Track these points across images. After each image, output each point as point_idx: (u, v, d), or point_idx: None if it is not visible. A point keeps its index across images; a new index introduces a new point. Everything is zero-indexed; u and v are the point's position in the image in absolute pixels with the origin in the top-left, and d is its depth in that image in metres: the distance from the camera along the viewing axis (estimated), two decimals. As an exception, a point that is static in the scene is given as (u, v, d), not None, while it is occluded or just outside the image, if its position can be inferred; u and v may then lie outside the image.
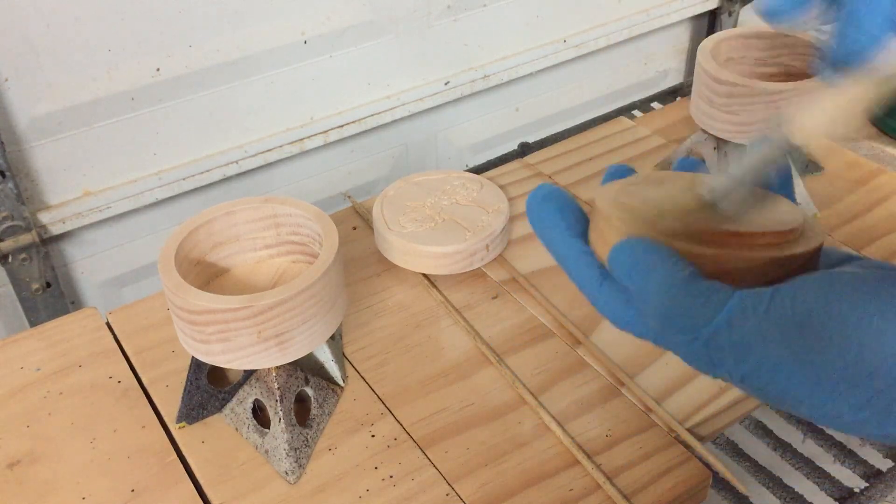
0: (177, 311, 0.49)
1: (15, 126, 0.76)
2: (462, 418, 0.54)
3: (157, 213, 0.88)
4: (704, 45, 0.69)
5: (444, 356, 0.58)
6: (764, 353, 0.32)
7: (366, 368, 0.58)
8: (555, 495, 0.50)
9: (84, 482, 0.51)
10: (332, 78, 0.92)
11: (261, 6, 0.84)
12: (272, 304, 0.47)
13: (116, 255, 0.89)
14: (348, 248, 0.67)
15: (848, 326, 0.31)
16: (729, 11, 1.23)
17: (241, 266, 0.56)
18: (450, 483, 0.50)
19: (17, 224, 0.77)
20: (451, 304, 0.62)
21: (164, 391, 0.56)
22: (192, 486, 0.51)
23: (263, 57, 0.86)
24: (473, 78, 1.01)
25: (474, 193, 0.68)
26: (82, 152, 0.81)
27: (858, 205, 0.71)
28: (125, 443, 0.53)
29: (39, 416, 0.55)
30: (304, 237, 0.55)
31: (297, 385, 0.53)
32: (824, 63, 0.38)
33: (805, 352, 0.31)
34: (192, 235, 0.53)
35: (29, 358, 0.59)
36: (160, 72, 0.81)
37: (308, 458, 0.52)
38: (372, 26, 0.91)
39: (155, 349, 0.59)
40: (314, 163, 0.97)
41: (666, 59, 1.24)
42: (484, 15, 0.99)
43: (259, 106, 0.89)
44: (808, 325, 0.31)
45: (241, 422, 0.53)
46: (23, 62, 0.74)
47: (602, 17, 1.10)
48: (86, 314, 0.62)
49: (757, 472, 0.55)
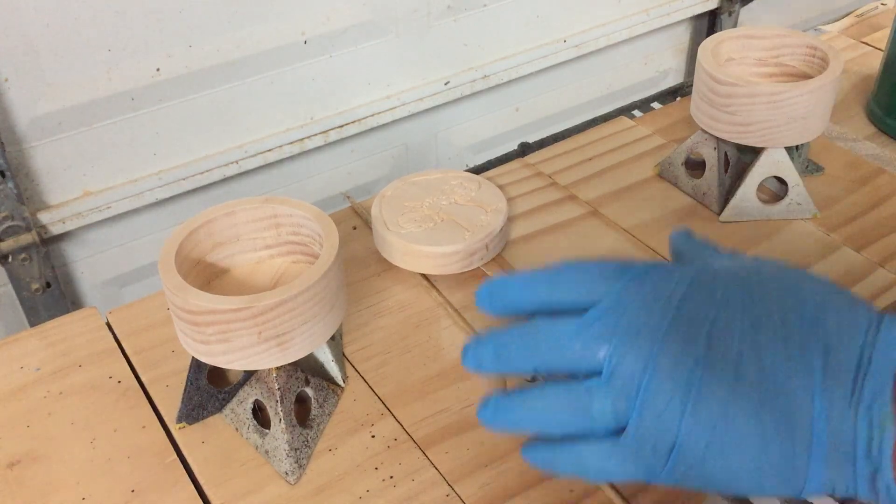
0: (177, 312, 0.49)
1: (15, 126, 0.76)
2: (462, 418, 0.54)
3: (157, 213, 0.88)
4: (705, 45, 0.69)
5: (444, 356, 0.58)
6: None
7: (366, 368, 0.58)
8: (555, 496, 0.50)
9: (84, 482, 0.51)
10: (332, 78, 0.92)
11: (261, 6, 0.84)
12: (273, 304, 0.47)
13: (116, 255, 0.89)
14: (348, 248, 0.67)
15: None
16: (729, 11, 1.23)
17: (241, 266, 0.56)
18: (450, 483, 0.50)
19: (17, 224, 0.77)
20: (451, 304, 0.62)
21: (164, 391, 0.56)
22: (192, 486, 0.51)
23: (263, 57, 0.86)
24: (473, 78, 1.01)
25: (473, 193, 0.68)
26: (82, 152, 0.81)
27: (858, 205, 0.71)
28: (125, 443, 0.53)
29: (39, 416, 0.55)
30: (305, 237, 0.55)
31: (297, 385, 0.53)
32: None
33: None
34: (193, 235, 0.53)
35: (29, 358, 0.59)
36: (160, 72, 0.81)
37: (308, 458, 0.52)
38: (372, 26, 0.92)
39: (155, 349, 0.59)
40: (314, 163, 0.97)
41: (666, 59, 1.24)
42: (484, 15, 0.99)
43: (259, 106, 0.89)
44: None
45: (242, 422, 0.53)
46: (23, 62, 0.74)
47: (602, 17, 1.10)
48: (86, 314, 0.62)
49: (757, 473, 0.55)
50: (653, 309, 0.35)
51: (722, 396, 0.34)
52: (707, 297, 0.35)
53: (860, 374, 0.33)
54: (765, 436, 0.33)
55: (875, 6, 1.03)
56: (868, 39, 0.96)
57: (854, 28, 0.99)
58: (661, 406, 0.34)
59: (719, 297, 0.35)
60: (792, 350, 0.34)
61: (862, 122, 0.82)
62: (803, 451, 0.33)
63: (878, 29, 0.98)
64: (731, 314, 0.35)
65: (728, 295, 0.36)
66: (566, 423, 0.37)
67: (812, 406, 0.33)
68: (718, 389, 0.34)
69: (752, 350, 0.34)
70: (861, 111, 0.83)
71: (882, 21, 0.99)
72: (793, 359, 0.34)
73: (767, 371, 0.34)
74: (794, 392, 0.33)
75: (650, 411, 0.34)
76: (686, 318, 0.35)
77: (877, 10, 1.02)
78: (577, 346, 0.36)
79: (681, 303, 0.35)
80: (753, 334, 0.34)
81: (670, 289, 0.36)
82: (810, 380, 0.33)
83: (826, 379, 0.33)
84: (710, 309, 0.35)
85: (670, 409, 0.34)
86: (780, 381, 0.34)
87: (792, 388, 0.33)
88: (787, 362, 0.34)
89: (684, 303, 0.35)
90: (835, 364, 0.34)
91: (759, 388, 0.34)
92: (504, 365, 0.38)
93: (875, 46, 0.94)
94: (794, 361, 0.34)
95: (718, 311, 0.35)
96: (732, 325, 0.35)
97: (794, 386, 0.33)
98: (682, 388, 0.34)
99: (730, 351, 0.34)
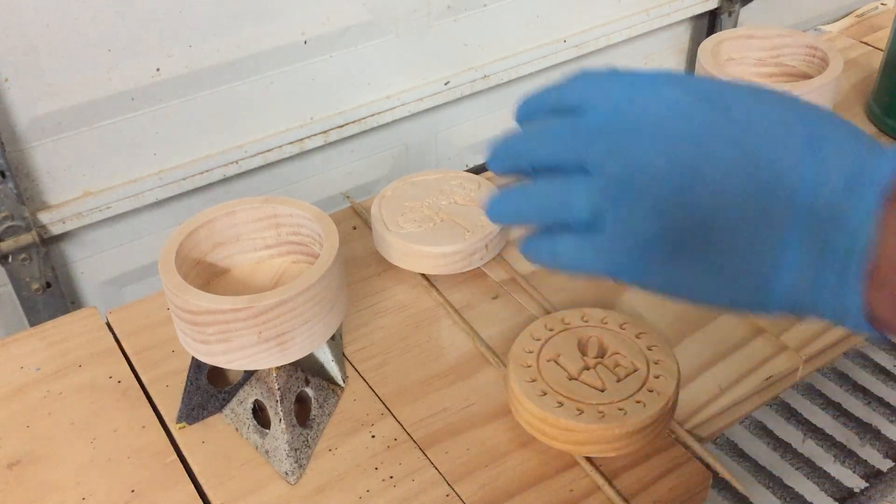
0: (177, 312, 0.49)
1: (15, 126, 0.76)
2: (462, 418, 0.54)
3: (157, 213, 0.88)
4: (705, 46, 0.69)
5: (444, 356, 0.58)
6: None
7: (366, 368, 0.58)
8: (555, 496, 0.50)
9: (84, 482, 0.51)
10: (332, 78, 0.92)
11: (261, 6, 0.84)
12: (273, 304, 0.47)
13: (116, 255, 0.89)
14: (348, 248, 0.67)
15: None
16: (729, 11, 1.23)
17: (241, 266, 0.56)
18: (450, 483, 0.50)
19: (17, 224, 0.77)
20: (451, 304, 0.62)
21: (164, 391, 0.56)
22: (192, 486, 0.51)
23: (263, 57, 0.86)
24: (473, 78, 1.01)
25: (472, 193, 0.68)
26: (82, 152, 0.81)
27: (858, 205, 0.71)
28: (125, 443, 0.53)
29: (39, 416, 0.55)
30: (305, 237, 0.55)
31: (297, 385, 0.53)
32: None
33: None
34: (193, 235, 0.53)
35: (29, 358, 0.59)
36: (160, 72, 0.81)
37: (308, 458, 0.52)
38: (372, 26, 0.92)
39: (155, 349, 0.59)
40: (314, 163, 0.97)
41: (666, 59, 1.24)
42: (484, 15, 0.99)
43: (259, 106, 0.89)
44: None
45: (242, 422, 0.53)
46: (23, 62, 0.74)
47: (602, 17, 1.10)
48: (86, 314, 0.62)
49: (757, 473, 0.55)
50: (643, 115, 0.36)
51: (699, 204, 0.34)
52: (694, 109, 0.36)
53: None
54: (737, 253, 0.34)
55: (875, 6, 1.03)
56: (868, 39, 0.96)
57: (854, 28, 0.99)
58: (638, 201, 0.35)
59: (704, 113, 0.35)
60: (772, 181, 0.34)
61: (862, 122, 0.82)
62: (773, 278, 0.34)
63: (878, 29, 0.98)
64: (714, 129, 0.35)
65: (711, 111, 0.35)
66: (548, 211, 0.39)
67: (783, 247, 0.33)
68: (696, 197, 0.34)
69: (733, 171, 0.34)
70: (861, 111, 0.83)
71: (882, 21, 0.99)
72: (768, 196, 0.34)
73: (741, 195, 0.34)
74: (768, 225, 0.34)
75: (627, 210, 0.35)
76: (671, 125, 0.35)
77: (877, 10, 1.02)
78: (569, 142, 0.38)
79: (670, 114, 0.36)
80: (736, 153, 0.34)
81: (662, 101, 0.36)
82: (786, 216, 0.33)
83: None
84: (696, 119, 0.35)
85: (648, 206, 0.35)
86: (753, 209, 0.34)
87: (766, 221, 0.34)
88: (761, 197, 0.34)
89: (675, 113, 0.36)
90: (812, 204, 0.33)
91: (734, 209, 0.34)
92: (512, 159, 0.41)
93: (875, 46, 0.94)
94: (771, 202, 0.34)
95: (703, 122, 0.35)
96: (713, 141, 0.35)
97: (768, 220, 0.34)
98: (661, 188, 0.35)
99: (713, 165, 0.34)
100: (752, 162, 0.34)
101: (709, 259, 0.35)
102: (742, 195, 0.34)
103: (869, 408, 0.59)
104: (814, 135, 0.34)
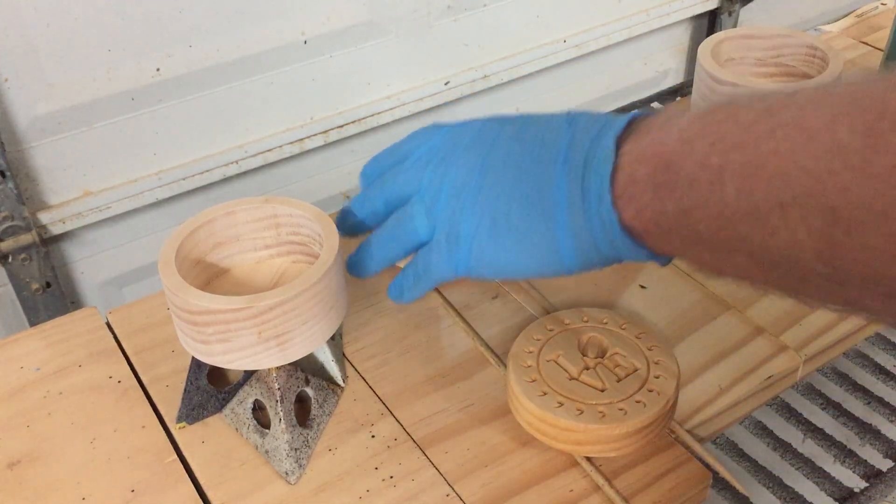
0: (177, 312, 0.49)
1: (15, 126, 0.76)
2: (462, 418, 0.54)
3: (157, 213, 0.88)
4: (705, 45, 0.69)
5: (444, 356, 0.58)
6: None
7: (366, 368, 0.58)
8: (555, 496, 0.50)
9: (84, 482, 0.51)
10: (332, 78, 0.92)
11: (261, 6, 0.84)
12: (273, 304, 0.47)
13: (116, 255, 0.89)
14: (348, 248, 0.67)
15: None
16: (729, 11, 1.23)
17: (241, 266, 0.56)
18: (450, 483, 0.50)
19: (17, 224, 0.77)
20: (451, 304, 0.62)
21: (164, 391, 0.56)
22: (192, 486, 0.51)
23: (263, 57, 0.86)
24: (473, 78, 1.01)
25: (474, 193, 0.67)
26: (82, 152, 0.81)
27: (858, 205, 0.71)
28: (125, 443, 0.53)
29: (39, 416, 0.55)
30: (305, 237, 0.55)
31: (297, 385, 0.53)
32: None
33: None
34: (193, 235, 0.53)
35: (29, 358, 0.59)
36: (160, 72, 0.81)
37: (308, 458, 0.52)
38: (372, 26, 0.91)
39: (155, 349, 0.59)
40: (314, 163, 0.97)
41: (666, 59, 1.24)
42: (484, 15, 0.99)
43: (259, 106, 0.89)
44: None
45: (242, 422, 0.53)
46: (23, 62, 0.74)
47: (602, 17, 1.10)
48: (86, 314, 0.62)
49: (757, 472, 0.55)
50: (455, 143, 0.48)
51: (497, 191, 0.45)
52: (493, 128, 0.48)
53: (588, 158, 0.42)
54: (529, 218, 0.44)
55: (875, 6, 1.03)
56: (868, 39, 0.96)
57: (854, 28, 0.99)
58: (454, 203, 0.46)
59: (498, 128, 0.48)
60: (544, 152, 0.44)
61: (862, 122, 0.82)
62: (556, 227, 0.43)
63: (878, 29, 0.98)
64: (505, 136, 0.47)
65: (504, 126, 0.48)
66: (402, 241, 0.50)
67: (557, 189, 0.43)
68: (494, 187, 0.45)
69: (518, 156, 0.45)
70: (861, 111, 0.83)
71: (882, 21, 0.99)
72: (543, 161, 0.44)
73: (525, 169, 0.45)
74: (545, 181, 0.44)
75: (447, 208, 0.47)
76: (474, 144, 0.47)
77: (877, 10, 1.02)
78: (400, 176, 0.50)
79: (473, 137, 0.48)
80: (519, 145, 0.46)
81: (469, 131, 0.48)
82: (555, 168, 0.43)
83: (566, 167, 0.43)
84: (492, 135, 0.47)
85: (462, 205, 0.46)
86: (534, 175, 0.44)
87: (544, 178, 0.44)
88: (539, 164, 0.44)
89: (476, 135, 0.48)
90: (572, 156, 0.43)
91: (521, 183, 0.44)
92: (362, 207, 0.53)
93: (875, 46, 0.94)
94: (545, 163, 0.44)
95: (497, 135, 0.47)
96: (504, 143, 0.46)
97: (545, 176, 0.44)
98: (469, 189, 0.46)
99: (504, 160, 0.45)
100: (530, 145, 0.45)
101: (516, 236, 0.44)
102: (527, 165, 0.45)
103: (869, 408, 0.59)
104: (571, 116, 0.45)
